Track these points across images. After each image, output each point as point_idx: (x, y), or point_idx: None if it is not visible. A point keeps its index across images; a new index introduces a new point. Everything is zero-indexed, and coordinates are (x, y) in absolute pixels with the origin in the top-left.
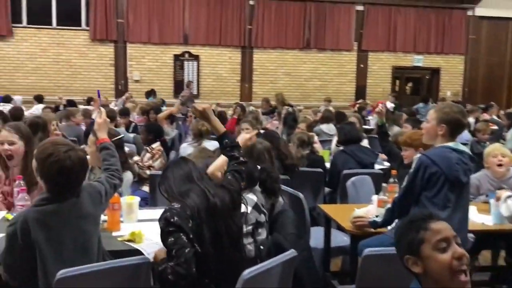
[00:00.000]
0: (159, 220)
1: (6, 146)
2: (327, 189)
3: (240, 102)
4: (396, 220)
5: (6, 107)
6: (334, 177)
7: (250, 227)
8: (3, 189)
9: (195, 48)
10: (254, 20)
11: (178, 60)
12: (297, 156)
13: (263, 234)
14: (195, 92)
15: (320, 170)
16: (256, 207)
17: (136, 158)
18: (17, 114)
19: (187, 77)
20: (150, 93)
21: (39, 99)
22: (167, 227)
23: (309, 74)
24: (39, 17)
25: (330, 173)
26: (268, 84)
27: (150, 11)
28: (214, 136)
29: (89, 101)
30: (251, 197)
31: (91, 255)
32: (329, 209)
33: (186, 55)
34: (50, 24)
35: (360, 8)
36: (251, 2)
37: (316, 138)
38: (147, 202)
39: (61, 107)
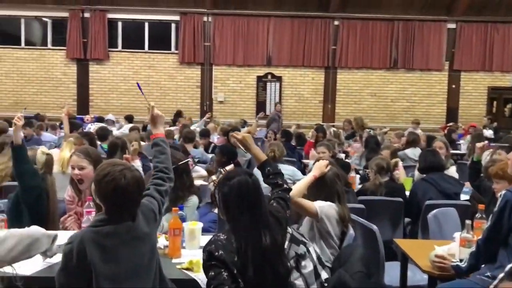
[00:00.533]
0: (203, 250)
1: (76, 171)
2: (407, 220)
3: (321, 123)
4: (483, 266)
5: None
6: (413, 207)
7: (291, 261)
8: (76, 210)
9: (278, 69)
10: (338, 40)
11: (261, 81)
12: (374, 184)
13: (308, 266)
14: None
15: (399, 199)
16: (292, 239)
17: (213, 177)
18: (103, 133)
19: (270, 98)
20: (178, 115)
21: (129, 119)
22: (210, 261)
23: (396, 95)
24: (132, 42)
25: (409, 203)
26: (352, 105)
27: (235, 35)
28: (290, 159)
29: (175, 120)
30: (287, 230)
31: (146, 278)
32: (406, 244)
33: (269, 76)
34: (143, 48)
35: (452, 26)
36: (336, 23)
37: (400, 164)
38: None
39: (149, 127)
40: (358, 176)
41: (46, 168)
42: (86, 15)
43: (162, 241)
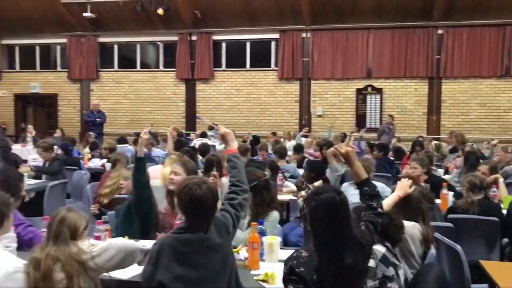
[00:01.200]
0: (285, 263)
1: (171, 175)
2: (506, 240)
3: (421, 136)
4: None
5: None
6: (510, 228)
7: (376, 282)
8: (170, 221)
9: (378, 81)
10: (443, 50)
11: (361, 94)
12: (466, 202)
13: None
14: (377, 125)
15: (494, 218)
16: (383, 259)
17: (302, 192)
18: (204, 149)
19: (370, 110)
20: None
21: None
22: (290, 275)
23: (509, 105)
24: (235, 61)
25: (506, 222)
26: (459, 116)
27: (333, 49)
28: (385, 174)
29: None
30: (380, 249)
31: (217, 284)
32: (493, 266)
33: (369, 89)
34: (244, 66)
35: None
36: (440, 31)
37: (500, 181)
38: None
39: (247, 142)
40: (451, 194)
41: None
42: (194, 38)
43: (243, 253)
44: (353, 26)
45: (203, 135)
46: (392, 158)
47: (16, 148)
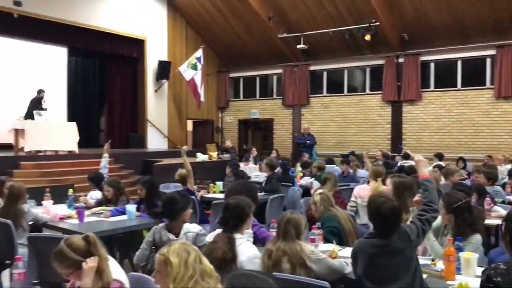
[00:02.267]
0: (483, 272)
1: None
2: None
3: None
4: None
5: (407, 163)
6: None
7: None
8: None
9: None
10: None
11: None
12: None
13: None
14: None
15: None
16: None
17: None
18: (411, 171)
19: None
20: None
21: (439, 156)
22: (488, 283)
23: None
24: (444, 81)
25: None
26: None
27: None
28: None
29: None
30: None
31: (401, 284)
32: None
33: None
34: (455, 86)
35: None
36: None
37: None
38: None
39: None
40: None
41: None
42: (400, 60)
43: (439, 265)
44: None
45: (405, 156)
46: None
47: (241, 167)
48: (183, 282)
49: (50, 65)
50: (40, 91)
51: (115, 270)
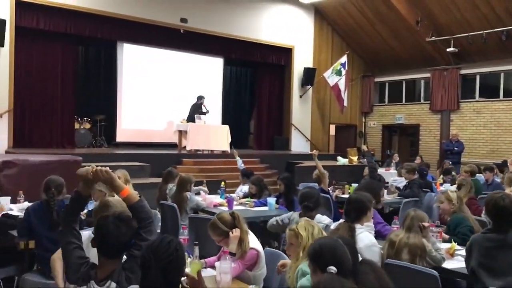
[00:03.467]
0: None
1: None
2: None
3: None
4: None
5: None
6: None
7: None
8: None
9: None
10: None
11: None
12: None
13: None
14: None
15: None
16: None
17: None
18: None
19: None
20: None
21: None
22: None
23: None
24: None
25: None
26: None
27: None
28: None
29: None
30: None
31: None
32: None
33: None
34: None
35: None
36: None
37: None
38: None
39: None
40: None
41: None
42: None
43: None
44: None
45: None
46: None
47: (380, 171)
48: None
49: (208, 74)
50: (200, 97)
51: (254, 241)
